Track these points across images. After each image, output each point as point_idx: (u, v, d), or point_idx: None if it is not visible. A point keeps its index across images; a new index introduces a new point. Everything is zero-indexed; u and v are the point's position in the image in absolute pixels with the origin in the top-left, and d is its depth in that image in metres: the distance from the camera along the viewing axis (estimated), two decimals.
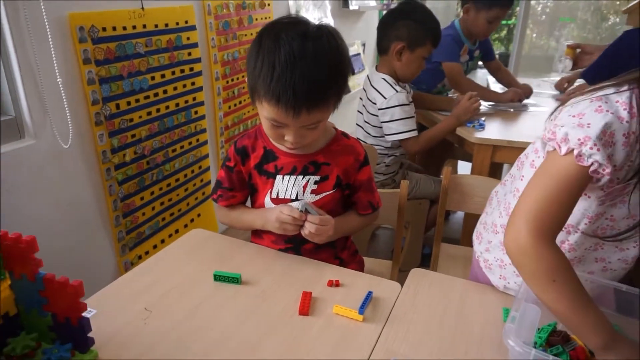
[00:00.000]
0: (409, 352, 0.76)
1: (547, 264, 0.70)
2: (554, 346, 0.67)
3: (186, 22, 1.64)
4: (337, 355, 0.75)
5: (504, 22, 6.55)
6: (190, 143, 1.77)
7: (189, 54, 1.68)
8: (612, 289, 0.81)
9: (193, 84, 1.72)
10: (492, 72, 2.48)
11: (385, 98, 1.68)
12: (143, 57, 1.47)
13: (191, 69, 1.70)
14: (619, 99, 0.71)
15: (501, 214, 0.96)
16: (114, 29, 1.36)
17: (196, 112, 1.77)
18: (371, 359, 0.75)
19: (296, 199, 1.01)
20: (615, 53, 1.54)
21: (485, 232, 1.02)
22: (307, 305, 0.85)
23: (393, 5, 3.52)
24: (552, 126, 0.75)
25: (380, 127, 1.74)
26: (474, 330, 0.82)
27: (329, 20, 2.67)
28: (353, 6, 2.93)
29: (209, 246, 1.07)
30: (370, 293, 0.89)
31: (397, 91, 1.67)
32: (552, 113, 0.81)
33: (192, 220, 1.85)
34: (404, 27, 1.69)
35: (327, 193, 1.01)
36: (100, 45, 1.33)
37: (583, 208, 0.80)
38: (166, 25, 1.55)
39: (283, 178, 1.01)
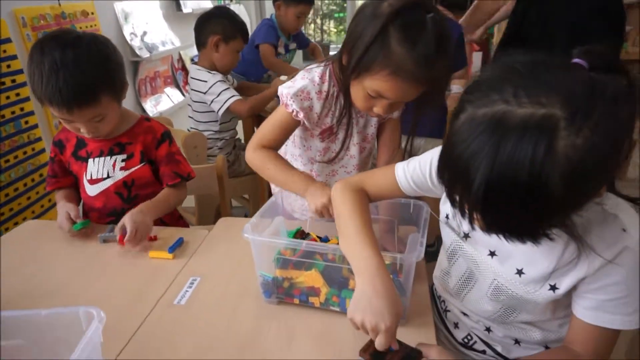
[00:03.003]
0: (206, 272, 1.02)
1: (257, 159, 1.09)
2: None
3: None
4: (151, 283, 0.98)
5: None
6: (25, 153, 1.82)
7: (8, 66, 1.73)
8: None
9: (18, 94, 1.78)
10: (311, 55, 2.86)
11: (205, 81, 1.94)
12: None
13: (13, 81, 1.75)
14: (317, 70, 1.06)
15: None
16: None
17: (27, 122, 1.83)
18: (175, 281, 0.99)
19: (107, 177, 1.20)
20: None
21: None
22: (121, 239, 1.07)
23: (230, 5, 3.76)
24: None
25: (207, 112, 1.98)
26: None
27: (162, 24, 2.80)
28: (187, 9, 3.07)
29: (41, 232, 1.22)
30: (180, 239, 1.13)
31: (212, 74, 1.95)
32: None
33: None
34: (219, 24, 1.96)
35: (135, 168, 1.21)
36: None
37: (315, 145, 1.15)
38: None
39: (94, 161, 1.19)
